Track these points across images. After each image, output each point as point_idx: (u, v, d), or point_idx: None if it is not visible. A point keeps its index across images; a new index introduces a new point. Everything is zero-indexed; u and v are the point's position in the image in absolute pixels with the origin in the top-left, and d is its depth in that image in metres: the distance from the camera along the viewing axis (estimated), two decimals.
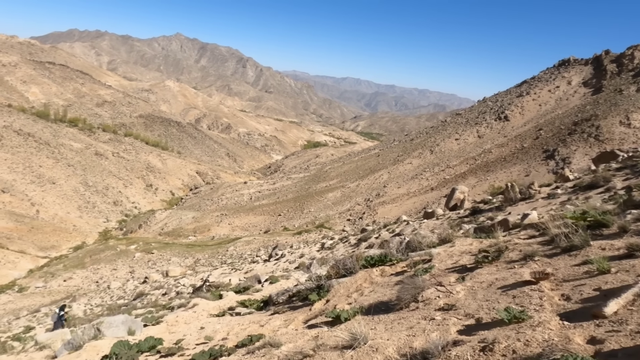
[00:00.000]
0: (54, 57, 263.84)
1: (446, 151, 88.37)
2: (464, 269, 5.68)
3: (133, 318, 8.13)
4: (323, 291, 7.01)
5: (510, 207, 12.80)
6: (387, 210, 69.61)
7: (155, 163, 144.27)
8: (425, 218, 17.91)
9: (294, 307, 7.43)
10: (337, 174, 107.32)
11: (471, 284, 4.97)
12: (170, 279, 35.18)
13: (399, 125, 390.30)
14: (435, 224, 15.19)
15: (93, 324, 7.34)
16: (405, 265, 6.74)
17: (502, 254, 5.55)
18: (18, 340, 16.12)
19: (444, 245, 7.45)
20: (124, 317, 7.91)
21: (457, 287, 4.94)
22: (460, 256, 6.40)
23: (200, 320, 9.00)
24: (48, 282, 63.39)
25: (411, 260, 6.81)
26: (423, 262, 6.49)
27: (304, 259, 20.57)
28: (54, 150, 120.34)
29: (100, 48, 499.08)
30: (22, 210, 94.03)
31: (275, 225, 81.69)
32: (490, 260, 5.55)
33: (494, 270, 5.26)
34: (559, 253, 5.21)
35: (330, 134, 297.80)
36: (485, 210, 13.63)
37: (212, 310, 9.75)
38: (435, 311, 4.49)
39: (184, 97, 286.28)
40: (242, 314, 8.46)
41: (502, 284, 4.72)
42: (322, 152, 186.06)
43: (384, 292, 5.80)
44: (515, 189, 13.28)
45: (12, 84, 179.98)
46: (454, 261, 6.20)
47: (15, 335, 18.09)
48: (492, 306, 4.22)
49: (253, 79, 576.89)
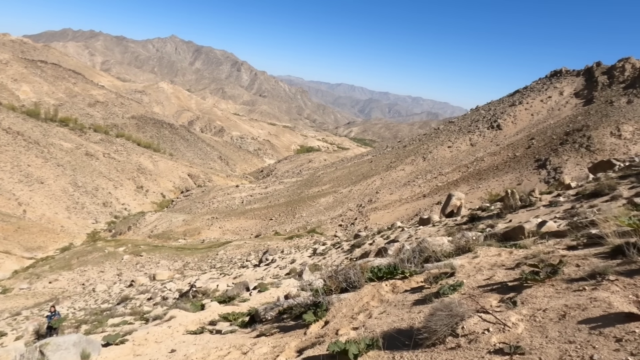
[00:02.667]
0: (46, 56, 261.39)
1: (439, 158, 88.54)
2: (505, 288, 4.60)
3: (88, 338, 6.90)
4: (321, 310, 5.93)
5: (510, 214, 12.48)
6: (379, 216, 69.36)
7: (147, 165, 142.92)
8: (420, 224, 17.62)
9: (284, 328, 6.34)
10: (329, 179, 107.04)
11: (529, 312, 3.81)
12: (157, 283, 34.49)
13: (392, 132, 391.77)
14: (431, 231, 14.84)
15: (37, 347, 6.09)
16: (422, 280, 5.69)
17: (558, 269, 4.45)
18: None
19: (465, 255, 6.45)
20: (77, 338, 6.64)
21: (511, 316, 3.78)
22: (492, 270, 5.38)
23: (174, 339, 7.85)
24: (33, 283, 62.08)
25: (428, 273, 5.84)
26: (446, 276, 5.49)
27: (295, 264, 20.12)
28: (43, 149, 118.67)
29: (94, 48, 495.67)
30: (8, 209, 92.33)
31: (266, 229, 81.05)
32: (543, 278, 4.42)
33: (553, 292, 4.13)
34: (638, 270, 4.08)
35: (323, 139, 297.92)
36: (484, 218, 13.28)
37: (190, 325, 8.70)
38: (491, 355, 3.29)
39: (177, 99, 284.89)
40: (223, 331, 7.47)
41: (583, 315, 3.49)
42: (315, 157, 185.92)
43: (400, 315, 4.74)
44: (515, 196, 12.97)
45: (2, 82, 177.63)
46: (486, 276, 5.17)
47: None
48: (587, 355, 2.91)
49: (247, 83, 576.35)
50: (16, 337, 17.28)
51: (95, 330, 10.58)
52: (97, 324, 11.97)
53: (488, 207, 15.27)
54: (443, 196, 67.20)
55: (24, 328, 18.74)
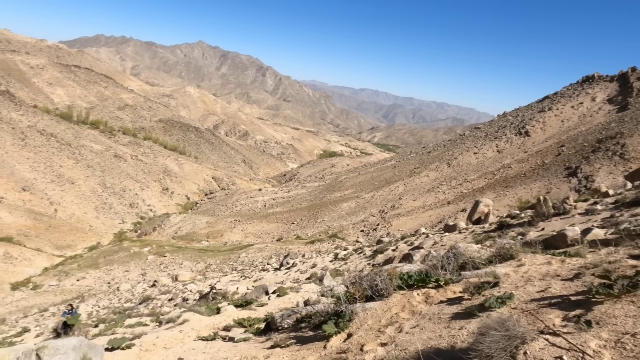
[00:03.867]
0: (80, 60, 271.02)
1: (464, 165, 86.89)
2: (568, 303, 3.87)
3: (90, 342, 6.31)
4: (343, 320, 5.32)
5: (542, 222, 11.85)
6: (402, 222, 68.44)
7: (173, 167, 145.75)
8: (446, 231, 17.09)
9: (302, 339, 5.77)
10: (352, 184, 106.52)
11: (613, 337, 3.06)
12: (179, 284, 34.86)
13: (416, 138, 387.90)
14: (457, 238, 14.31)
15: (33, 350, 5.58)
16: (461, 290, 5.07)
17: (639, 282, 3.68)
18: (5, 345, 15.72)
19: (507, 262, 5.81)
20: (77, 341, 5.99)
21: (588, 340, 3.06)
22: (544, 281, 4.70)
23: (183, 345, 7.37)
24: (61, 280, 63.92)
25: (467, 282, 5.22)
26: (489, 287, 4.84)
27: (316, 269, 19.87)
28: (74, 151, 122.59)
29: (124, 53, 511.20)
30: (40, 208, 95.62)
31: (288, 233, 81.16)
32: (618, 293, 3.67)
33: (636, 310, 3.40)
34: None
35: (346, 144, 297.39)
36: (515, 225, 12.68)
37: (203, 331, 8.21)
38: None
39: (203, 103, 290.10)
40: (236, 339, 6.99)
41: None
42: (338, 162, 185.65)
43: (437, 331, 4.12)
44: (548, 203, 12.33)
45: (38, 86, 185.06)
46: (539, 288, 4.49)
47: (4, 339, 17.84)
48: None
49: (272, 88, 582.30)
50: (37, 334, 17.63)
51: (106, 331, 10.45)
52: (114, 324, 11.98)
53: (518, 214, 14.64)
54: (468, 203, 65.75)
55: (45, 325, 19.14)
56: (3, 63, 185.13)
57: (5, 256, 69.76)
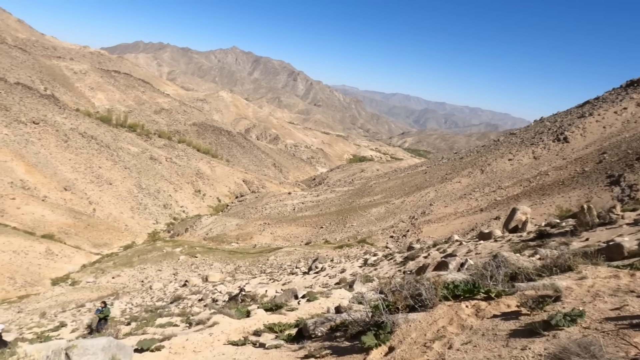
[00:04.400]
0: (119, 66, 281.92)
1: (498, 171, 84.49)
2: None
3: (119, 342, 6.27)
4: (384, 332, 4.88)
5: (586, 232, 11.17)
6: (433, 229, 67.14)
7: (205, 170, 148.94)
8: (480, 239, 16.52)
9: (338, 350, 5.39)
10: (381, 189, 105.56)
11: None
12: (209, 285, 35.39)
13: (448, 144, 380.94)
14: (493, 246, 13.77)
15: (62, 349, 5.52)
16: (518, 304, 4.58)
17: None
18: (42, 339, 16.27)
19: (564, 274, 5.28)
20: (107, 342, 5.90)
21: None
22: (616, 296, 4.19)
23: (213, 349, 7.15)
24: (98, 277, 66.29)
25: (522, 294, 4.74)
26: (551, 301, 4.37)
27: (345, 274, 19.65)
28: (113, 153, 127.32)
29: (161, 59, 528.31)
30: (80, 207, 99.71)
31: (316, 237, 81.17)
32: None
33: None
34: None
35: (376, 149, 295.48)
36: (555, 235, 12.04)
37: (233, 334, 7.99)
38: None
39: (235, 107, 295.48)
40: (267, 346, 6.73)
41: None
42: (368, 166, 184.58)
43: (495, 350, 3.67)
44: (592, 212, 11.66)
45: (81, 90, 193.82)
46: (613, 305, 4.01)
47: (42, 333, 18.56)
48: None
49: (303, 92, 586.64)
50: (72, 329, 18.22)
51: (137, 330, 10.55)
52: (145, 323, 12.18)
53: (558, 223, 13.94)
54: (502, 211, 63.79)
55: (81, 321, 19.77)
56: (49, 69, 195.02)
57: (47, 252, 73.03)
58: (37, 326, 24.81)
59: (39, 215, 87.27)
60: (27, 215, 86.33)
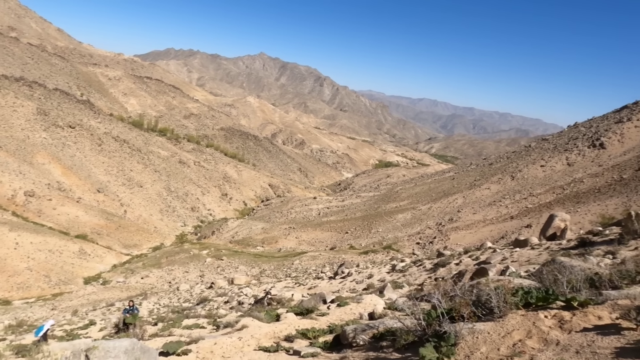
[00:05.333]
0: (151, 72, 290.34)
1: (529, 178, 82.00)
2: None
3: (143, 345, 5.83)
4: (446, 344, 4.21)
5: (634, 240, 10.51)
6: (461, 236, 65.67)
7: (232, 174, 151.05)
8: (516, 246, 15.87)
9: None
10: (408, 195, 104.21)
11: None
12: (235, 287, 35.64)
13: (477, 149, 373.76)
14: (530, 254, 13.17)
15: (82, 350, 5.24)
16: (615, 315, 3.95)
17: None
18: (71, 337, 16.54)
19: None
20: (130, 344, 5.47)
21: None
22: None
23: (243, 355, 6.76)
24: (128, 277, 67.96)
25: (614, 304, 4.10)
26: None
27: (372, 280, 19.31)
28: (144, 156, 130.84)
29: (191, 65, 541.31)
30: (112, 209, 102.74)
31: (341, 242, 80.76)
32: None
33: None
34: None
35: (402, 155, 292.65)
36: (599, 243, 11.38)
37: (263, 339, 7.57)
38: None
39: (262, 112, 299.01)
40: (302, 354, 6.22)
41: None
42: (394, 172, 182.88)
43: None
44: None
45: (114, 96, 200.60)
46: None
47: (71, 331, 19.01)
48: None
49: (329, 98, 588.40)
50: (100, 328, 18.58)
51: (163, 331, 10.49)
52: (172, 324, 12.21)
53: (601, 231, 13.20)
54: (534, 219, 61.78)
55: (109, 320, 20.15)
56: (85, 75, 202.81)
57: (80, 252, 75.46)
58: (68, 324, 25.54)
59: (73, 216, 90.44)
60: (62, 215, 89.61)
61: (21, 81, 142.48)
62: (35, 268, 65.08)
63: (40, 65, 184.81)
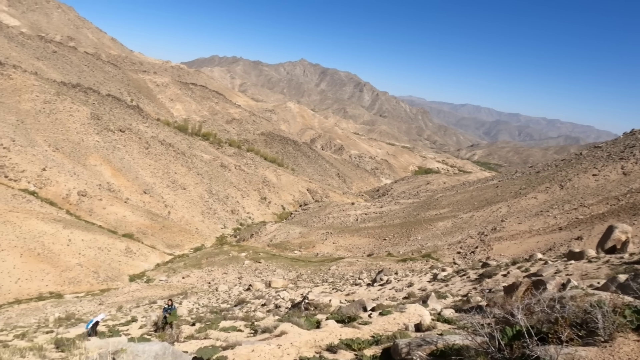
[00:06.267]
0: (196, 79, 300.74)
1: (580, 187, 77.71)
2: None
3: (174, 349, 5.55)
4: None
5: None
6: (505, 247, 63.07)
7: (271, 178, 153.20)
8: (570, 259, 14.83)
9: None
10: (448, 202, 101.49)
11: None
12: (272, 290, 35.87)
13: (522, 157, 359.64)
14: (587, 268, 12.23)
15: (110, 352, 5.01)
16: None
17: None
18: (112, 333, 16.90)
19: None
20: (161, 348, 5.13)
21: None
22: None
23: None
24: (170, 277, 70.17)
25: None
26: None
27: (412, 288, 18.70)
28: (187, 159, 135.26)
29: (234, 72, 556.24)
30: (157, 210, 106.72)
31: (379, 249, 79.70)
32: None
33: None
34: None
35: (443, 161, 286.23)
36: None
37: (304, 348, 7.04)
38: None
39: (302, 118, 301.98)
40: None
41: None
42: (434, 179, 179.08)
43: None
44: None
45: (162, 101, 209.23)
46: None
47: (113, 327, 19.60)
48: None
49: (368, 103, 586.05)
50: (141, 325, 19.07)
51: (199, 333, 10.43)
52: (209, 325, 12.27)
53: None
54: (585, 230, 58.38)
55: (149, 317, 20.68)
56: (136, 82, 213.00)
57: (126, 250, 78.77)
58: (112, 319, 26.57)
59: (121, 216, 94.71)
60: (111, 215, 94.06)
61: (78, 87, 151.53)
62: (85, 264, 68.53)
63: (95, 72, 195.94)
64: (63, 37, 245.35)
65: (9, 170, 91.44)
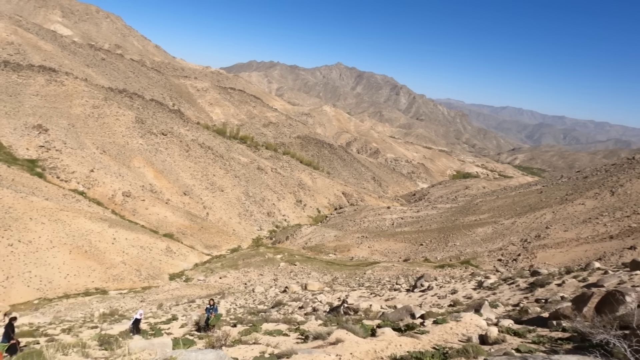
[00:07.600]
0: (235, 84, 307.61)
1: (633, 194, 73.23)
2: None
3: None
4: None
5: None
6: (549, 255, 60.27)
7: (307, 181, 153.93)
8: (633, 269, 13.74)
9: None
10: (488, 208, 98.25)
11: None
12: (308, 293, 35.80)
13: (567, 162, 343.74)
14: None
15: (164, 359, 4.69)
16: None
17: None
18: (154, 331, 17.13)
19: None
20: (216, 357, 4.70)
21: None
22: None
23: None
24: (207, 276, 71.69)
25: None
26: None
27: (457, 296, 17.98)
28: (225, 162, 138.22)
29: (271, 76, 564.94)
30: (196, 211, 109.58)
31: (415, 254, 78.18)
32: None
33: None
34: None
35: (482, 166, 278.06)
36: None
37: (366, 359, 6.46)
38: None
39: (338, 121, 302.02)
40: None
41: None
42: (473, 183, 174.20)
43: None
44: None
45: (201, 106, 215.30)
46: None
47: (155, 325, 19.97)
48: None
49: (405, 106, 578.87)
50: (182, 324, 19.36)
51: (245, 335, 10.21)
52: (252, 327, 12.21)
53: None
54: (639, 239, 54.85)
55: (190, 317, 20.98)
56: (177, 87, 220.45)
57: (167, 250, 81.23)
58: (153, 317, 27.28)
59: (162, 216, 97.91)
60: (153, 215, 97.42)
61: (123, 93, 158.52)
62: (128, 262, 71.19)
63: (140, 78, 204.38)
64: (111, 45, 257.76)
65: (60, 171, 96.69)
